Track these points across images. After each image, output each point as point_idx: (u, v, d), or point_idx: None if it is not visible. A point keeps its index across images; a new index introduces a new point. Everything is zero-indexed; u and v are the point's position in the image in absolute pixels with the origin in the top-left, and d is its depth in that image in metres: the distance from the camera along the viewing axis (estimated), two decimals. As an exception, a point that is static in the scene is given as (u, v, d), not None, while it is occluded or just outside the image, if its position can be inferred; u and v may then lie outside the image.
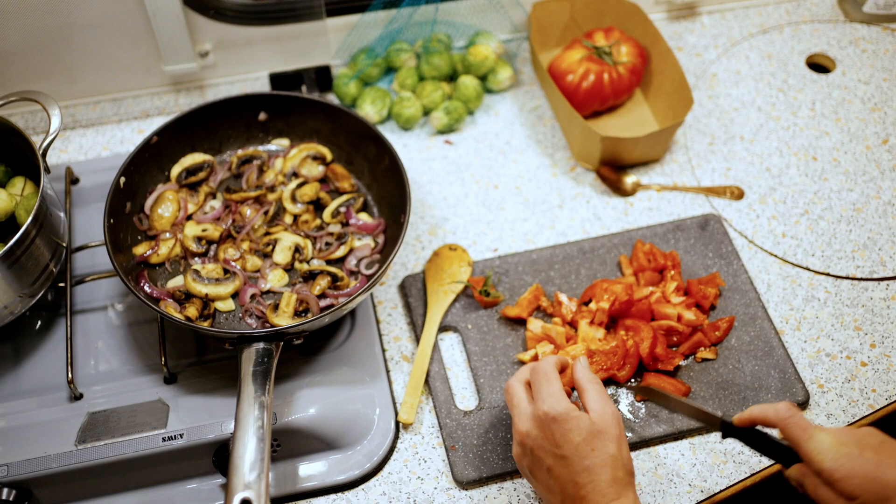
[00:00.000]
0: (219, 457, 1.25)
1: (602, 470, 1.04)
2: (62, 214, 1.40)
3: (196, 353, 1.38)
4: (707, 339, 1.35)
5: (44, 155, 1.35)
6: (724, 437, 1.13)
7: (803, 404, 1.32)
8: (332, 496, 1.28)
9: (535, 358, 1.34)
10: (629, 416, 1.30)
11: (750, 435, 1.10)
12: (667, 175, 1.62)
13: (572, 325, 1.38)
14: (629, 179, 1.59)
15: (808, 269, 1.48)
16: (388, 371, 1.37)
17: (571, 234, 1.53)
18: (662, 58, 1.66)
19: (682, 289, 1.41)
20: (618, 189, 1.59)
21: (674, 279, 1.41)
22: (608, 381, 1.33)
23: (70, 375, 1.31)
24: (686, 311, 1.35)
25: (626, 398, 1.33)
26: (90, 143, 1.68)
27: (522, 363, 1.36)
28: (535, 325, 1.37)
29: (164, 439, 1.24)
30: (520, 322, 1.40)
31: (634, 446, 1.29)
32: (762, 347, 1.36)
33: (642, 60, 1.67)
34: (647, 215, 1.56)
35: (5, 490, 1.21)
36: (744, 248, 1.51)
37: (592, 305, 1.37)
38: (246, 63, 1.71)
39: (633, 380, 1.34)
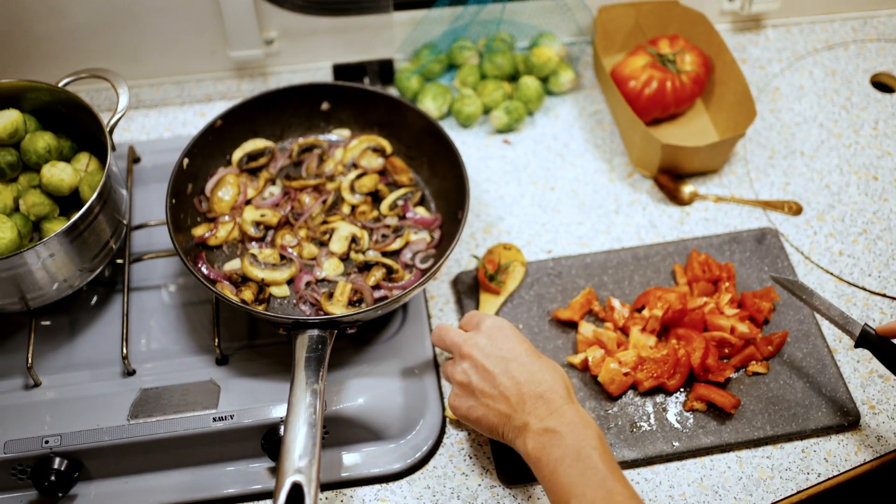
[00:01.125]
0: (267, 440, 1.26)
1: (547, 361, 1.17)
2: (124, 192, 1.41)
3: (248, 337, 1.38)
4: (759, 353, 1.34)
5: (111, 132, 1.37)
6: (856, 346, 1.22)
7: (853, 425, 1.31)
8: (377, 486, 1.28)
9: (585, 362, 1.34)
10: (677, 425, 1.30)
11: (886, 347, 1.18)
12: (724, 186, 1.61)
13: (624, 330, 1.37)
14: (687, 189, 1.59)
15: (865, 289, 1.47)
16: (437, 365, 1.38)
17: (626, 239, 1.53)
18: (726, 68, 1.65)
19: (736, 301, 1.40)
20: (675, 198, 1.58)
21: (728, 291, 1.40)
22: (657, 390, 1.33)
23: (125, 351, 1.32)
24: (739, 324, 1.34)
25: (674, 407, 1.32)
26: (152, 124, 1.70)
27: (573, 366, 1.36)
28: (587, 328, 1.37)
29: (214, 419, 1.25)
30: (571, 325, 1.40)
31: (681, 456, 1.28)
32: (814, 365, 1.35)
33: (706, 70, 1.66)
34: (703, 226, 1.55)
35: (57, 459, 1.23)
36: (799, 263, 1.50)
37: (645, 312, 1.37)
38: (309, 52, 1.72)
39: (682, 389, 1.33)
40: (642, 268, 1.47)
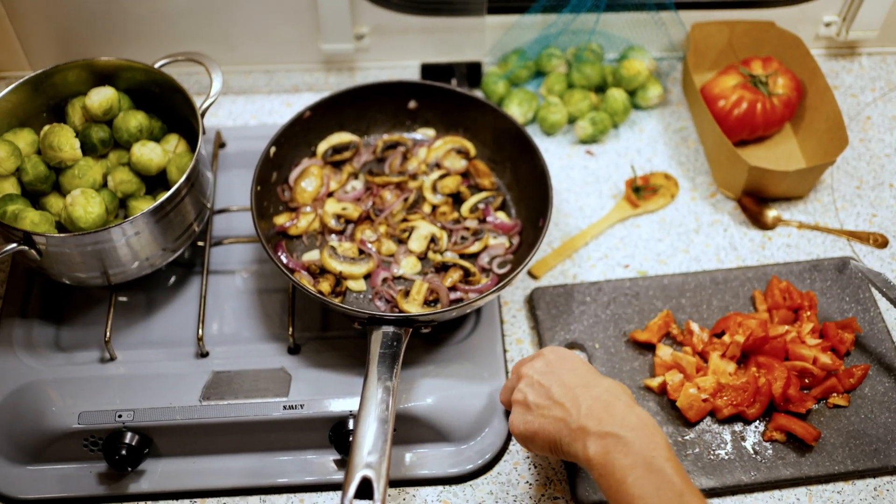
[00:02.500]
0: (335, 433, 1.26)
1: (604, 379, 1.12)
2: (210, 176, 1.43)
3: (320, 328, 1.39)
4: (840, 385, 1.32)
5: (202, 116, 1.38)
6: None
7: (933, 463, 1.27)
8: (439, 488, 1.28)
9: (663, 385, 1.31)
10: (755, 455, 1.27)
11: None
12: (809, 213, 1.58)
13: (702, 355, 1.35)
14: (771, 213, 1.56)
15: (949, 329, 1.43)
16: (507, 372, 1.37)
17: (705, 260, 1.51)
18: (819, 94, 1.62)
19: (818, 330, 1.37)
20: (757, 221, 1.55)
21: (810, 320, 1.37)
22: (735, 418, 1.30)
23: (200, 332, 1.34)
24: (822, 355, 1.32)
25: (752, 436, 1.29)
26: (239, 111, 1.71)
27: (650, 389, 1.33)
28: (665, 352, 1.35)
29: (284, 407, 1.26)
30: (648, 347, 1.38)
31: (756, 487, 1.26)
32: None
33: (797, 94, 1.63)
34: (785, 251, 1.52)
35: (129, 434, 1.24)
36: (882, 296, 1.46)
37: (726, 338, 1.34)
38: (398, 50, 1.72)
39: (761, 419, 1.30)
40: (721, 292, 1.44)
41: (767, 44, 1.71)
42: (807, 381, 1.31)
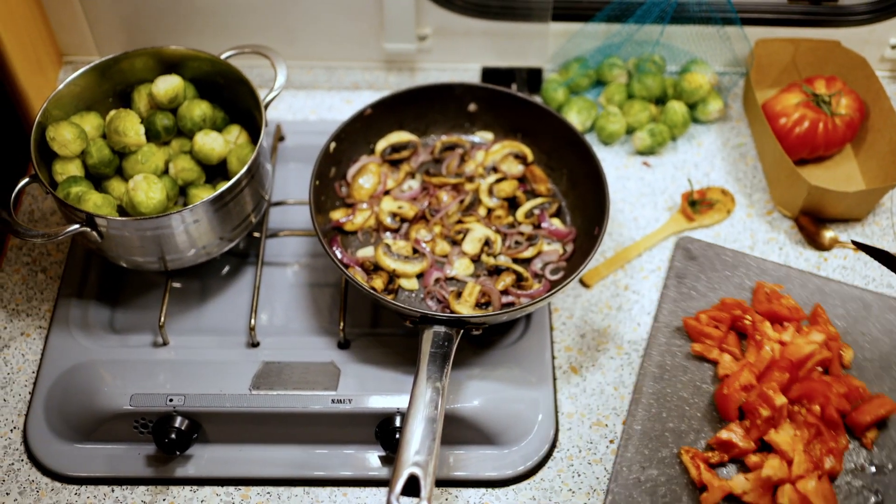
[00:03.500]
0: (382, 429, 1.27)
1: None
2: (269, 168, 1.44)
3: (370, 324, 1.40)
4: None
5: (265, 108, 1.40)
6: None
7: None
8: (482, 490, 1.28)
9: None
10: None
11: None
12: (866, 236, 1.56)
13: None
14: (828, 234, 1.54)
15: None
16: (554, 378, 1.37)
17: (759, 278, 1.49)
18: (883, 116, 1.60)
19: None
20: (814, 241, 1.54)
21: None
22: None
23: (252, 322, 1.35)
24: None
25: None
26: (300, 105, 1.73)
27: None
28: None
29: (333, 401, 1.27)
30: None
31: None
32: None
33: (860, 115, 1.62)
34: (840, 273, 1.51)
35: (179, 418, 1.26)
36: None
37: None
38: (459, 52, 1.73)
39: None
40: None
41: (832, 63, 1.69)
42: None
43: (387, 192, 1.49)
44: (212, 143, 1.40)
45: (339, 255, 1.40)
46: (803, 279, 1.42)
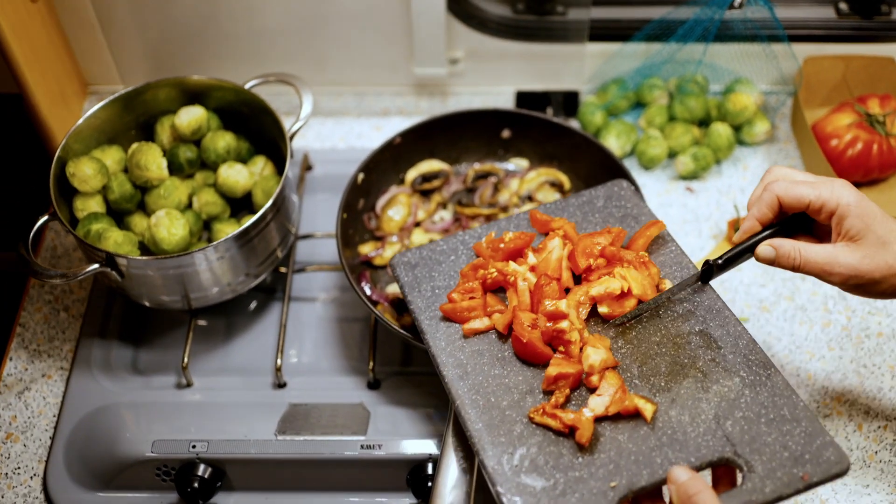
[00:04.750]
0: (413, 476, 1.23)
1: None
2: (296, 200, 1.41)
3: (401, 363, 1.36)
4: None
5: (291, 139, 1.37)
6: (705, 282, 1.12)
7: None
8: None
9: None
10: None
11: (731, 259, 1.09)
12: (926, 264, 1.49)
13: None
14: (884, 262, 1.47)
15: None
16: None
17: (811, 309, 1.43)
18: (941, 136, 1.53)
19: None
20: (870, 270, 1.47)
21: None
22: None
23: (279, 363, 1.31)
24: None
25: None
26: (328, 133, 1.69)
27: None
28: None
29: (362, 447, 1.23)
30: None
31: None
32: None
33: (917, 136, 1.55)
34: (898, 304, 1.44)
35: (202, 466, 1.22)
36: None
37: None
38: (493, 76, 1.69)
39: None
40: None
41: (885, 81, 1.63)
42: None
43: (417, 224, 1.46)
44: (236, 175, 1.37)
45: (368, 292, 1.36)
46: None
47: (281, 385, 1.33)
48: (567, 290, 1.14)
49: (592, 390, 1.06)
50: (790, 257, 1.04)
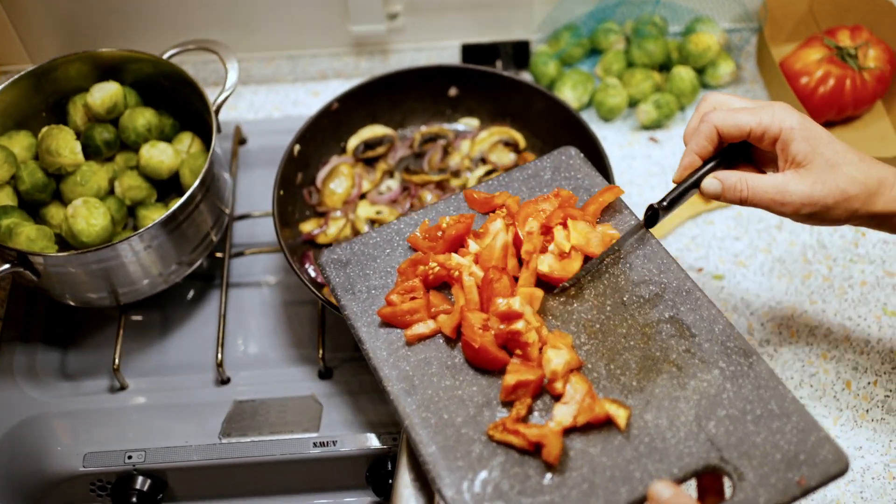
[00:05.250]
0: (373, 472, 1.15)
1: None
2: (228, 178, 1.32)
3: (354, 348, 1.27)
4: None
5: (217, 111, 1.27)
6: (649, 226, 1.05)
7: None
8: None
9: None
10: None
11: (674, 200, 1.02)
12: (907, 204, 1.41)
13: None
14: (864, 205, 1.39)
15: None
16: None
17: (790, 261, 1.35)
18: (917, 67, 1.46)
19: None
20: (849, 214, 1.39)
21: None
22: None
23: (220, 357, 1.22)
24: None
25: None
26: (261, 102, 1.60)
27: None
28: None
29: (315, 444, 1.15)
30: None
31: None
32: None
33: (891, 68, 1.48)
34: (881, 249, 1.37)
35: (140, 479, 1.13)
36: None
37: None
38: (436, 30, 1.59)
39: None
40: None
41: (854, 10, 1.55)
42: None
43: (363, 196, 1.37)
44: (160, 155, 1.28)
45: (313, 273, 1.27)
46: None
47: (224, 381, 1.25)
48: (516, 279, 1.03)
49: (557, 398, 0.95)
50: (737, 189, 0.98)
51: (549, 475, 0.89)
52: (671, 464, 0.88)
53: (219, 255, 1.34)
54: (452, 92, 1.43)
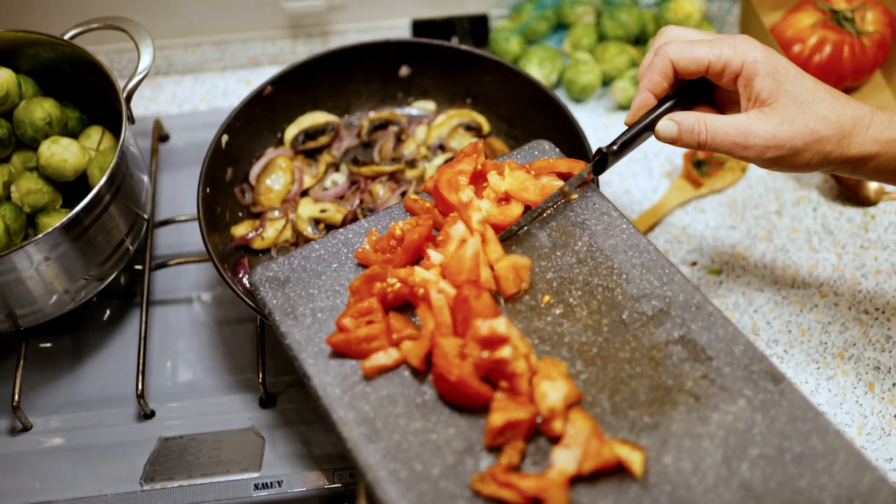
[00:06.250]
0: (330, 516, 1.03)
1: None
2: (146, 178, 1.21)
3: (301, 370, 1.15)
4: None
5: (128, 99, 1.17)
6: (598, 173, 0.99)
7: None
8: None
9: None
10: None
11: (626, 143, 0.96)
12: (917, 181, 1.31)
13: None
14: (872, 184, 1.30)
15: None
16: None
17: (793, 249, 1.24)
18: (919, 30, 1.38)
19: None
20: (856, 195, 1.30)
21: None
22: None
23: (140, 387, 1.11)
24: None
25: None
26: (186, 94, 1.51)
27: None
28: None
29: (257, 486, 1.05)
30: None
31: None
32: None
33: (891, 31, 1.39)
34: (894, 232, 1.25)
35: (48, 537, 0.99)
36: None
37: None
38: (382, 6, 1.53)
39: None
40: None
41: (848, -30, 1.45)
42: None
43: (304, 193, 1.29)
44: (63, 152, 1.15)
45: (249, 284, 1.12)
46: None
47: (147, 415, 1.14)
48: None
49: (555, 440, 0.81)
50: (695, 132, 0.92)
51: None
52: None
53: (138, 267, 1.22)
54: (404, 72, 1.35)
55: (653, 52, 0.95)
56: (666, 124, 0.93)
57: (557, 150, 1.05)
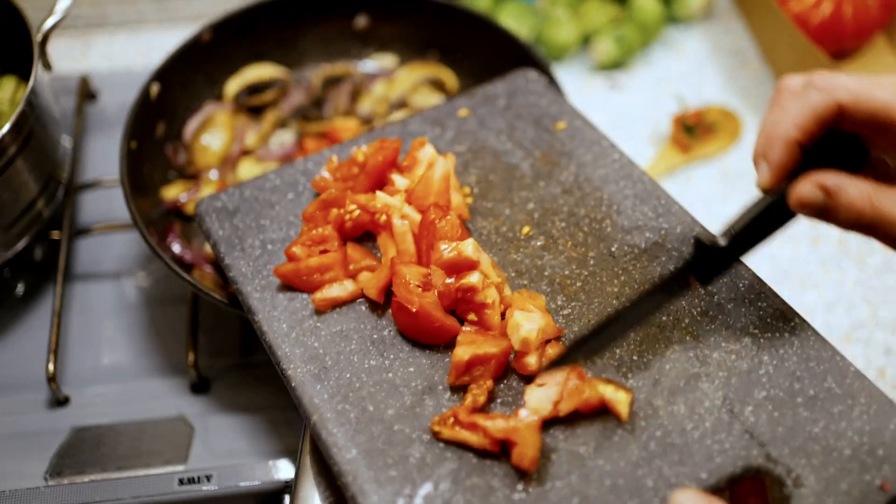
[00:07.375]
0: (265, 514, 0.93)
1: None
2: (66, 137, 1.11)
3: (240, 353, 1.09)
4: None
5: (44, 42, 1.08)
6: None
7: None
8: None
9: None
10: None
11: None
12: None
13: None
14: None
15: None
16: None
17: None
18: (926, -14, 1.32)
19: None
20: (859, 165, 1.19)
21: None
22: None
23: (51, 369, 1.02)
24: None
25: None
26: (120, 50, 1.44)
27: None
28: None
29: (181, 481, 0.95)
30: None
31: None
32: None
33: (897, -10, 1.33)
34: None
35: (-67, 539, 0.89)
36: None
37: None
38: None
39: None
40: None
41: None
42: None
43: (246, 153, 1.22)
44: None
45: (179, 251, 1.08)
46: None
47: (61, 401, 1.05)
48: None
49: (530, 379, 0.74)
50: (854, 207, 0.66)
51: (521, 487, 0.70)
52: (697, 466, 0.69)
53: (55, 235, 1.11)
54: (361, 22, 1.29)
55: (800, 82, 0.70)
56: (810, 190, 0.67)
57: (545, 79, 0.97)
